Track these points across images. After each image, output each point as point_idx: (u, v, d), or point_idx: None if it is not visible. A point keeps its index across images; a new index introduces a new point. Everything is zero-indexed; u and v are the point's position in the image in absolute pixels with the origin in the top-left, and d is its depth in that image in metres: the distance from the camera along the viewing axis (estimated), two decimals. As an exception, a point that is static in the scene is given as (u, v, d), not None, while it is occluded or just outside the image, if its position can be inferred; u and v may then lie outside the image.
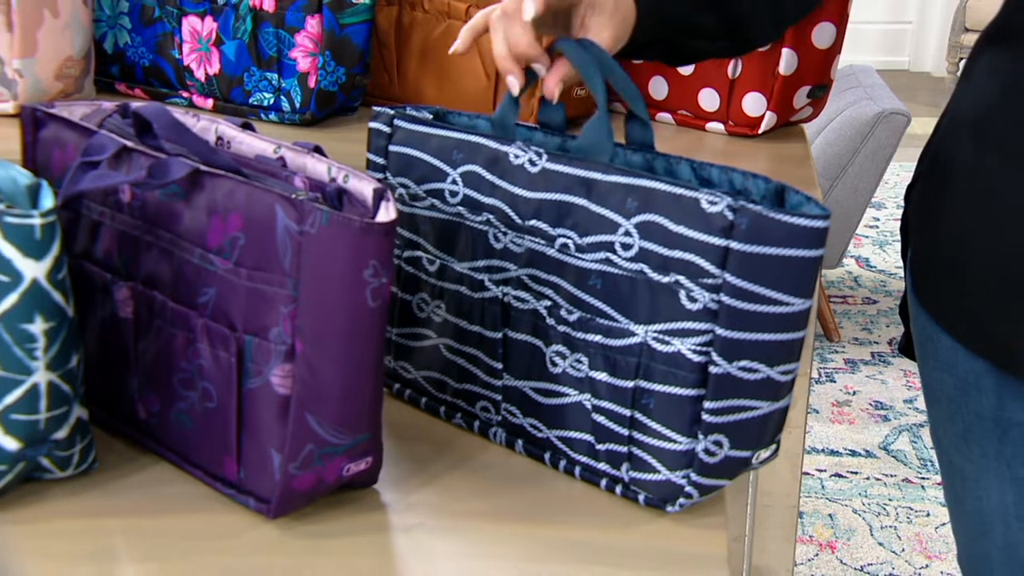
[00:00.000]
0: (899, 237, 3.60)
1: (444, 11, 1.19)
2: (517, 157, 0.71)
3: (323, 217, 0.61)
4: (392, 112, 0.77)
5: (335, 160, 0.68)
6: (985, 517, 0.83)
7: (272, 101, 1.19)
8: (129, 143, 0.70)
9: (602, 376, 0.68)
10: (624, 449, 0.68)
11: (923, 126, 4.58)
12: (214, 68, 1.19)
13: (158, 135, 0.71)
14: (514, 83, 0.72)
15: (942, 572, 2.01)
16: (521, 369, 0.72)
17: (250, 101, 1.20)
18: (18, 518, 0.65)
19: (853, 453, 2.38)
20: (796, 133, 1.26)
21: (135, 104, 0.72)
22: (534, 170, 0.70)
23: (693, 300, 0.64)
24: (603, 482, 0.70)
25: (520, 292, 0.71)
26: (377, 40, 1.23)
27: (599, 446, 0.69)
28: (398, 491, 0.69)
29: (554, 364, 0.70)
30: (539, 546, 0.65)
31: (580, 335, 0.69)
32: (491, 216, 0.72)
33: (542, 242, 0.70)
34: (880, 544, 2.09)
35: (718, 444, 0.65)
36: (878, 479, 2.29)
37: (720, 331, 0.63)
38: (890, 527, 2.14)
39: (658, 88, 1.27)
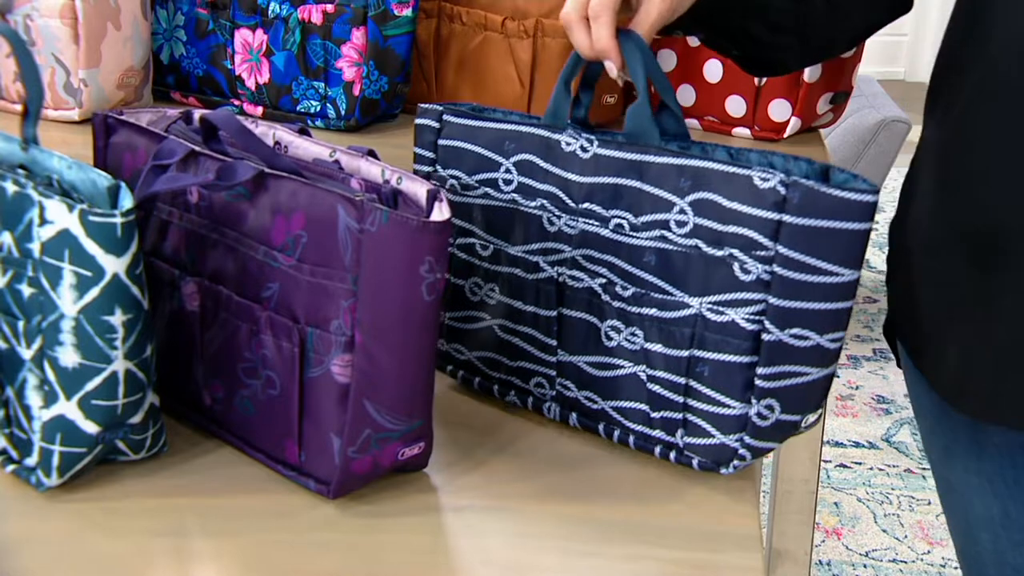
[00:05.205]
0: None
1: (481, 23, 1.19)
2: (569, 144, 0.71)
3: (382, 216, 0.62)
4: (441, 108, 0.77)
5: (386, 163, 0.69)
6: (973, 525, 0.81)
7: (318, 108, 1.20)
8: (196, 147, 0.71)
9: (657, 347, 0.68)
10: (679, 416, 0.68)
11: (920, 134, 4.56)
12: (264, 77, 1.20)
13: (223, 140, 0.72)
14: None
15: (943, 558, 2.01)
16: (575, 345, 0.72)
17: (298, 109, 1.20)
18: (96, 496, 0.66)
19: (857, 445, 2.38)
20: (815, 138, 1.26)
21: (203, 111, 0.73)
22: (586, 156, 0.70)
23: (746, 272, 0.65)
24: (657, 449, 0.70)
25: (575, 272, 0.71)
26: (417, 51, 1.23)
27: (654, 414, 0.70)
28: (447, 474, 0.70)
29: (609, 338, 0.71)
30: (581, 525, 0.66)
31: (635, 309, 0.69)
32: (545, 201, 0.72)
33: (596, 223, 0.70)
34: (884, 531, 2.08)
35: (770, 408, 0.66)
36: (881, 469, 2.29)
37: (773, 300, 0.64)
38: (893, 515, 2.13)
39: (686, 96, 1.28)
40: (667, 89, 0.71)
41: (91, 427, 0.64)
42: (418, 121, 0.78)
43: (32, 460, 0.66)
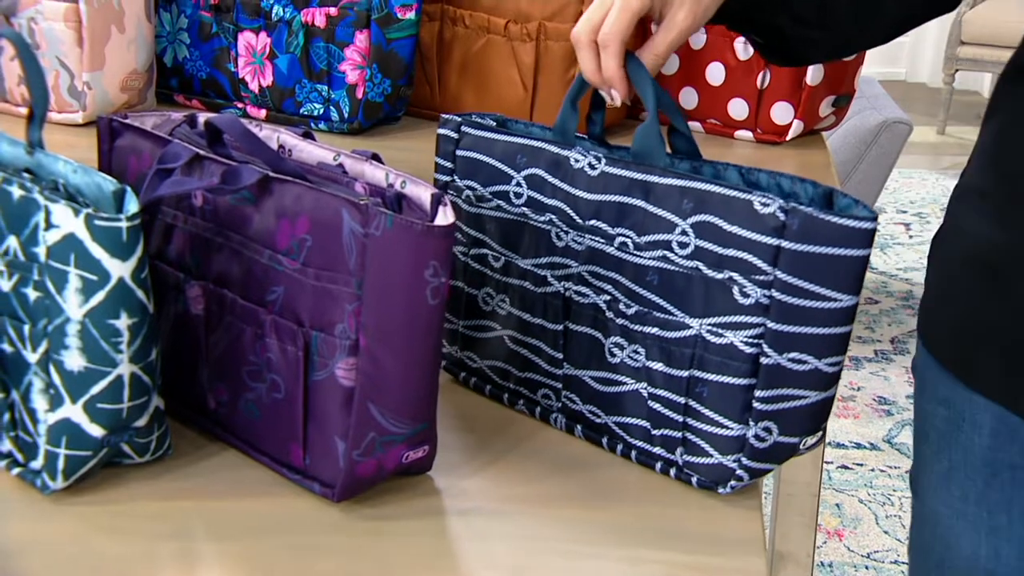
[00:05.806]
0: (899, 240, 3.56)
1: (484, 26, 1.20)
2: (577, 161, 0.72)
3: (387, 220, 0.62)
4: (459, 119, 0.78)
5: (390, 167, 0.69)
6: (952, 571, 0.76)
7: (322, 111, 1.20)
8: (201, 151, 0.71)
9: (658, 366, 0.69)
10: (678, 434, 0.69)
11: (921, 135, 4.55)
12: (267, 80, 1.21)
13: (228, 144, 0.72)
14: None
15: (944, 558, 2.01)
16: (581, 359, 0.73)
17: (301, 111, 1.21)
18: (101, 499, 0.66)
19: (858, 446, 2.38)
20: (817, 141, 1.26)
21: (207, 115, 0.73)
22: (594, 173, 0.71)
23: (746, 295, 0.65)
24: (658, 465, 0.71)
25: (581, 287, 0.72)
26: (420, 53, 1.24)
27: (654, 431, 0.70)
28: (451, 477, 0.70)
29: (612, 355, 0.71)
30: (586, 529, 0.66)
31: (637, 327, 0.69)
32: (553, 216, 0.73)
33: (601, 241, 0.71)
34: (885, 532, 2.08)
35: (768, 430, 0.66)
36: (882, 471, 2.29)
37: (771, 324, 0.64)
38: (895, 516, 2.13)
39: (688, 99, 1.28)
40: (676, 113, 0.72)
41: (96, 430, 0.64)
42: (440, 131, 0.79)
43: (37, 463, 0.66)
